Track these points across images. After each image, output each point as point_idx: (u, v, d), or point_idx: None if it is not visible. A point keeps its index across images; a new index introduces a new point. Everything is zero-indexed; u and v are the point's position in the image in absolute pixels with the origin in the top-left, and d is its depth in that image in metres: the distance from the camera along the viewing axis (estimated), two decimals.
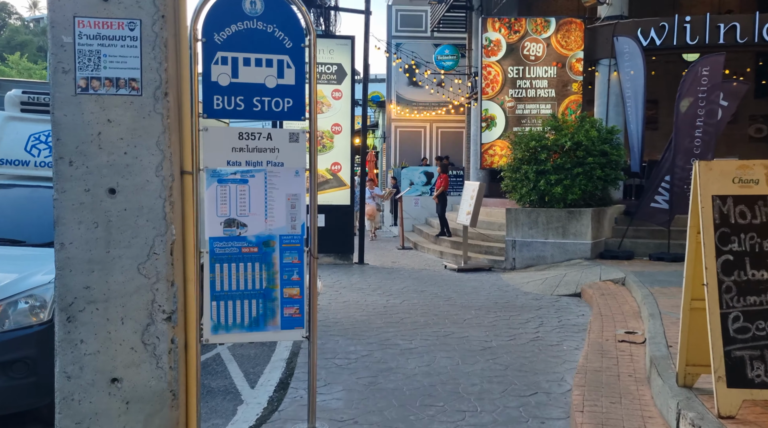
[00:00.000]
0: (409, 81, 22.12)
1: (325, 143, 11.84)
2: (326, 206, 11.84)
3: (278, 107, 3.22)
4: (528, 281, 9.48)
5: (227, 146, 3.09)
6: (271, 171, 3.17)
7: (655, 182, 10.04)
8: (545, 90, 12.75)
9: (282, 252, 3.22)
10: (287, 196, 3.20)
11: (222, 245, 3.12)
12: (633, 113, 11.18)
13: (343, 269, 11.17)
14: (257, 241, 3.18)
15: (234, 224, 3.09)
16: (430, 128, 22.36)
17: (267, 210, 3.12)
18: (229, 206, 3.09)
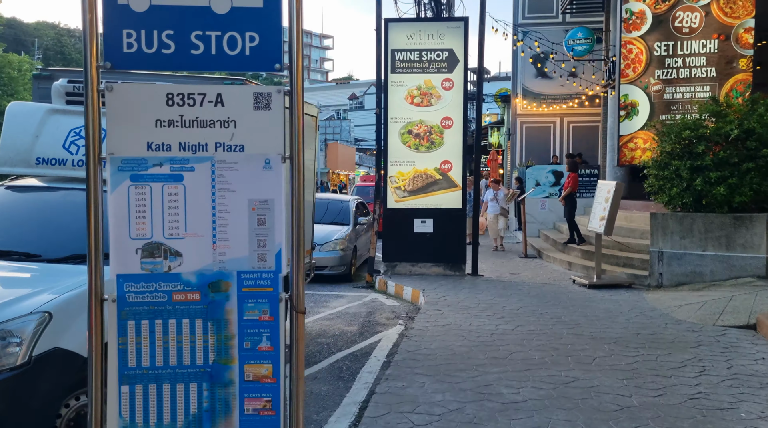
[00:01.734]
0: (537, 72, 20.22)
1: (433, 138, 10.56)
2: (435, 209, 10.57)
3: (234, 49, 2.00)
4: (680, 305, 7.55)
5: (147, 116, 1.92)
6: (223, 160, 1.97)
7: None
8: (703, 69, 10.52)
9: (242, 301, 1.99)
10: (250, 203, 1.99)
11: (139, 288, 1.94)
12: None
13: (452, 282, 9.81)
14: (200, 282, 1.97)
15: (159, 253, 1.92)
16: (560, 122, 20.27)
17: (216, 228, 1.93)
18: (150, 222, 1.92)
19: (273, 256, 2.05)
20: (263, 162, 2.08)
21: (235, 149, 2.03)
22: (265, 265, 2.05)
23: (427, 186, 10.62)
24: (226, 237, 1.98)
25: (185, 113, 1.97)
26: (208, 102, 1.99)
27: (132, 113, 1.98)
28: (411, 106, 10.55)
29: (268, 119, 2.08)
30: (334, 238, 10.76)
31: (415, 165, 10.60)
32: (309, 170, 7.41)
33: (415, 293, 9.05)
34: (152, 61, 2.01)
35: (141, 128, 1.96)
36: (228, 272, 2.01)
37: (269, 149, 2.11)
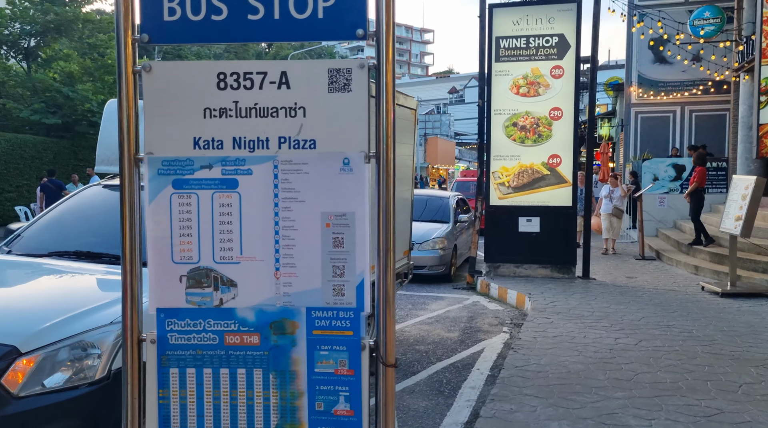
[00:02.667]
0: (655, 57, 18.64)
1: (541, 131, 9.82)
2: (542, 207, 9.84)
3: (303, 11, 1.58)
4: None
5: (194, 104, 1.55)
6: (289, 160, 1.56)
7: None
8: None
9: (313, 348, 1.55)
10: (324, 217, 1.56)
11: (184, 326, 1.55)
12: None
13: (561, 286, 9.05)
14: (259, 321, 1.56)
15: (209, 282, 1.53)
16: (681, 111, 18.58)
17: (280, 250, 1.52)
18: (197, 241, 1.54)
19: (353, 288, 1.59)
20: (341, 163, 1.62)
21: (305, 146, 1.60)
22: (343, 300, 1.58)
23: (534, 182, 9.90)
24: (292, 263, 1.55)
25: (241, 98, 1.56)
26: (269, 83, 1.58)
27: (175, 100, 1.59)
28: (516, 96, 9.86)
29: (347, 105, 1.62)
30: (432, 236, 10.31)
31: (520, 160, 9.91)
32: (407, 167, 6.99)
33: (521, 298, 8.41)
34: (199, 30, 1.61)
35: (186, 119, 1.58)
36: (295, 308, 1.57)
37: (349, 145, 1.65)
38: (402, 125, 6.74)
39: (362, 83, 1.66)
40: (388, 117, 1.63)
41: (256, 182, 1.57)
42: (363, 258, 1.57)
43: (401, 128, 6.74)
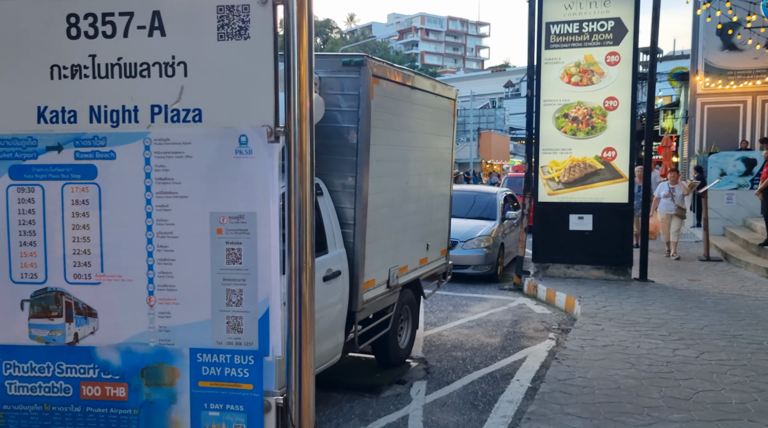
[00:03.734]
0: (724, 44, 17.42)
1: (594, 122, 9.18)
2: (595, 204, 9.22)
3: None
4: None
5: (38, 59, 1.14)
6: (164, 139, 1.15)
7: None
8: None
9: (199, 406, 1.10)
10: (214, 219, 1.13)
11: (26, 371, 1.14)
12: None
13: (615, 289, 8.42)
14: (126, 364, 1.15)
15: (58, 310, 1.12)
16: (753, 101, 17.31)
17: (154, 266, 1.12)
18: (42, 253, 1.13)
19: (254, 322, 1.13)
20: (236, 142, 1.17)
21: (187, 118, 1.18)
22: (241, 340, 1.12)
23: (586, 177, 9.28)
24: (171, 284, 1.13)
25: (99, 50, 1.16)
26: (137, 29, 1.16)
27: (9, 54, 1.18)
28: (568, 86, 9.26)
29: (245, 59, 1.18)
30: (478, 234, 9.82)
31: (571, 153, 9.30)
32: (445, 161, 6.57)
33: (570, 301, 7.85)
34: None
35: (25, 80, 1.17)
36: (174, 350, 1.14)
37: (247, 116, 1.19)
38: (440, 116, 6.33)
39: (266, 27, 1.24)
40: (302, 75, 1.18)
41: (121, 170, 1.16)
42: (268, 279, 1.12)
43: (439, 120, 6.33)
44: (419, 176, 5.84)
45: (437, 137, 6.26)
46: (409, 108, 5.50)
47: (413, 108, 5.59)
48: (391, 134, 5.16)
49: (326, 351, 4.31)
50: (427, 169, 6.04)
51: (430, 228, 6.15)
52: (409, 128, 5.53)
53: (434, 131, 6.17)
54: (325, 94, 4.68)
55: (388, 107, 5.05)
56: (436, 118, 6.22)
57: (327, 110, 4.68)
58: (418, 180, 5.80)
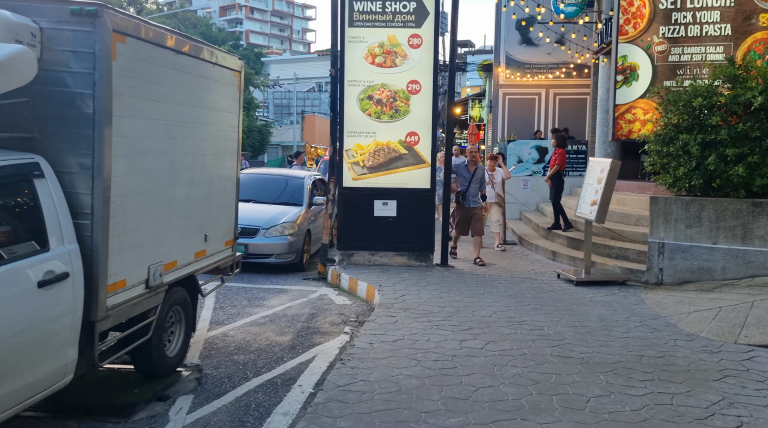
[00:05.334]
0: (522, 38, 18.60)
1: (398, 106, 8.98)
2: (399, 189, 9.05)
3: None
4: (689, 312, 6.15)
5: None
6: None
7: None
8: (716, 26, 8.99)
9: None
10: None
11: None
12: None
13: (417, 275, 8.33)
14: None
15: None
16: (546, 94, 18.74)
17: None
18: None
19: None
20: None
21: None
22: None
23: (390, 162, 9.08)
24: None
25: None
26: None
27: None
28: (372, 66, 8.95)
29: None
30: (282, 221, 9.22)
31: (376, 137, 9.04)
32: (230, 140, 5.83)
33: (371, 290, 7.57)
34: None
35: None
36: None
37: None
38: (220, 88, 5.55)
39: None
40: None
41: None
42: None
43: (219, 93, 5.55)
44: (193, 156, 5.04)
45: (217, 112, 5.49)
46: (175, 76, 4.67)
47: (181, 77, 4.76)
48: (148, 106, 4.31)
49: (41, 377, 3.40)
50: (204, 149, 5.26)
51: (210, 216, 5.39)
52: (176, 99, 4.71)
53: (213, 106, 5.39)
54: (51, 49, 3.71)
55: (142, 72, 4.19)
56: (216, 90, 5.44)
57: (55, 71, 3.72)
58: (191, 161, 5.01)
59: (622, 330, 5.69)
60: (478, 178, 9.37)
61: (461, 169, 9.38)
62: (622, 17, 9.41)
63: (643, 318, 6.09)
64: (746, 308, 5.88)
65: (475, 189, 9.38)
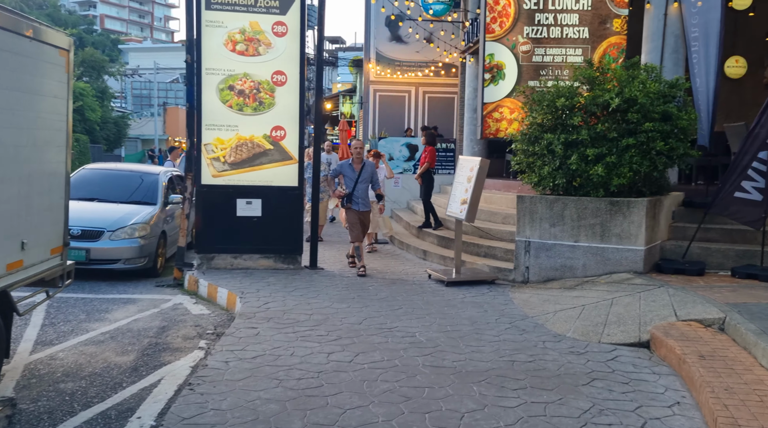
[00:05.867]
0: (392, 35, 18.56)
1: (262, 98, 8.37)
2: (264, 187, 8.45)
3: None
4: (555, 311, 6.18)
5: None
6: None
7: (743, 161, 6.73)
8: (575, 29, 9.30)
9: None
10: None
11: None
12: (701, 62, 7.83)
13: (284, 279, 7.80)
14: None
15: None
16: (416, 92, 18.86)
17: None
18: None
19: None
20: None
21: None
22: None
23: (254, 158, 8.45)
24: None
25: None
26: None
27: None
28: (233, 54, 8.26)
29: None
30: (131, 222, 8.27)
31: (238, 131, 8.37)
32: (57, 130, 4.96)
33: (232, 298, 6.94)
34: None
35: None
36: None
37: None
38: (40, 69, 4.68)
39: None
40: None
41: None
42: None
43: (38, 74, 4.67)
44: (2, 148, 4.16)
45: (38, 97, 4.62)
46: None
47: None
48: None
49: None
50: (18, 140, 4.38)
51: (28, 221, 4.51)
52: None
53: (31, 89, 4.51)
54: None
55: None
56: (35, 71, 4.56)
57: None
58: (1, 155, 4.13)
59: (493, 333, 5.56)
60: (366, 177, 8.26)
61: (345, 168, 8.32)
62: (488, 15, 9.47)
63: (513, 319, 6.03)
64: (607, 306, 6.00)
65: (364, 190, 8.26)
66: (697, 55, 7.81)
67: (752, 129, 6.70)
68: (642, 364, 4.70)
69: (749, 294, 5.79)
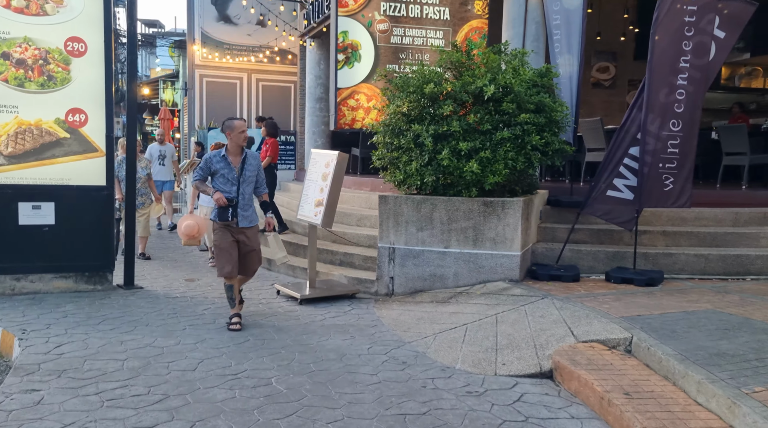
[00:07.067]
0: (220, 15, 16.71)
1: (52, 71, 6.44)
2: (59, 187, 6.55)
3: None
4: (434, 333, 5.23)
5: None
6: None
7: (614, 158, 6.34)
8: (435, 8, 8.48)
9: None
10: None
11: None
12: (563, 50, 7.40)
13: (88, 306, 6.01)
14: None
15: None
16: (248, 79, 17.19)
17: None
18: None
19: None
20: None
21: None
22: None
23: (43, 149, 6.50)
24: None
25: None
26: None
27: None
28: (7, 11, 6.24)
29: None
30: None
31: (18, 113, 6.37)
32: None
33: (7, 339, 5.09)
34: None
35: None
36: None
37: None
38: None
39: None
40: None
41: None
42: None
43: None
44: None
45: None
46: None
47: None
48: None
49: None
50: None
51: None
52: None
53: None
54: None
55: None
56: None
57: None
58: None
59: (369, 369, 4.44)
60: (251, 176, 5.51)
61: (217, 163, 5.40)
62: None
63: (387, 347, 4.97)
64: (492, 325, 5.18)
65: (249, 195, 5.56)
66: (559, 44, 7.38)
67: (623, 124, 6.33)
68: (554, 404, 3.88)
69: (636, 304, 5.31)
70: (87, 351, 4.72)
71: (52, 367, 4.35)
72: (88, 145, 6.66)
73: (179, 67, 21.73)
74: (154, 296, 6.59)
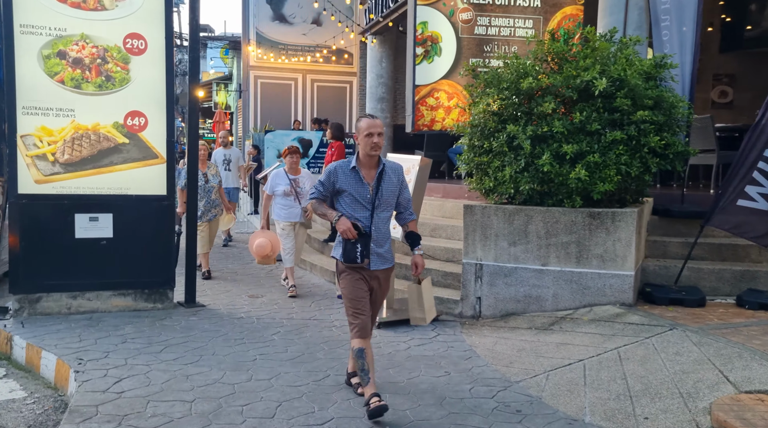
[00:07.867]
0: (275, 14, 16.25)
1: (110, 70, 5.94)
2: (117, 197, 6.05)
3: None
4: (545, 371, 4.44)
5: None
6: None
7: (746, 162, 5.41)
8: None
9: None
10: None
11: None
12: (673, 39, 6.48)
13: (149, 329, 5.46)
14: None
15: None
16: (303, 80, 16.69)
17: None
18: None
19: None
20: None
21: None
22: None
23: (101, 156, 6.00)
24: None
25: None
26: None
27: None
28: (63, 6, 5.75)
29: None
30: None
31: (75, 116, 5.88)
32: None
33: (63, 370, 4.56)
34: None
35: None
36: None
37: None
38: None
39: None
40: None
41: None
42: None
43: None
44: None
45: None
46: None
47: None
48: None
49: None
50: None
51: None
52: None
53: None
54: None
55: None
56: None
57: None
58: None
59: (479, 421, 3.70)
60: (389, 197, 3.93)
61: (344, 176, 3.85)
62: None
63: (492, 388, 4.22)
64: (615, 362, 4.36)
65: (385, 224, 3.98)
66: (668, 32, 6.47)
67: (757, 122, 5.39)
68: None
69: None
70: (149, 388, 4.13)
71: (111, 410, 3.77)
72: (148, 151, 6.14)
73: (233, 69, 21.45)
74: (218, 316, 6.01)
